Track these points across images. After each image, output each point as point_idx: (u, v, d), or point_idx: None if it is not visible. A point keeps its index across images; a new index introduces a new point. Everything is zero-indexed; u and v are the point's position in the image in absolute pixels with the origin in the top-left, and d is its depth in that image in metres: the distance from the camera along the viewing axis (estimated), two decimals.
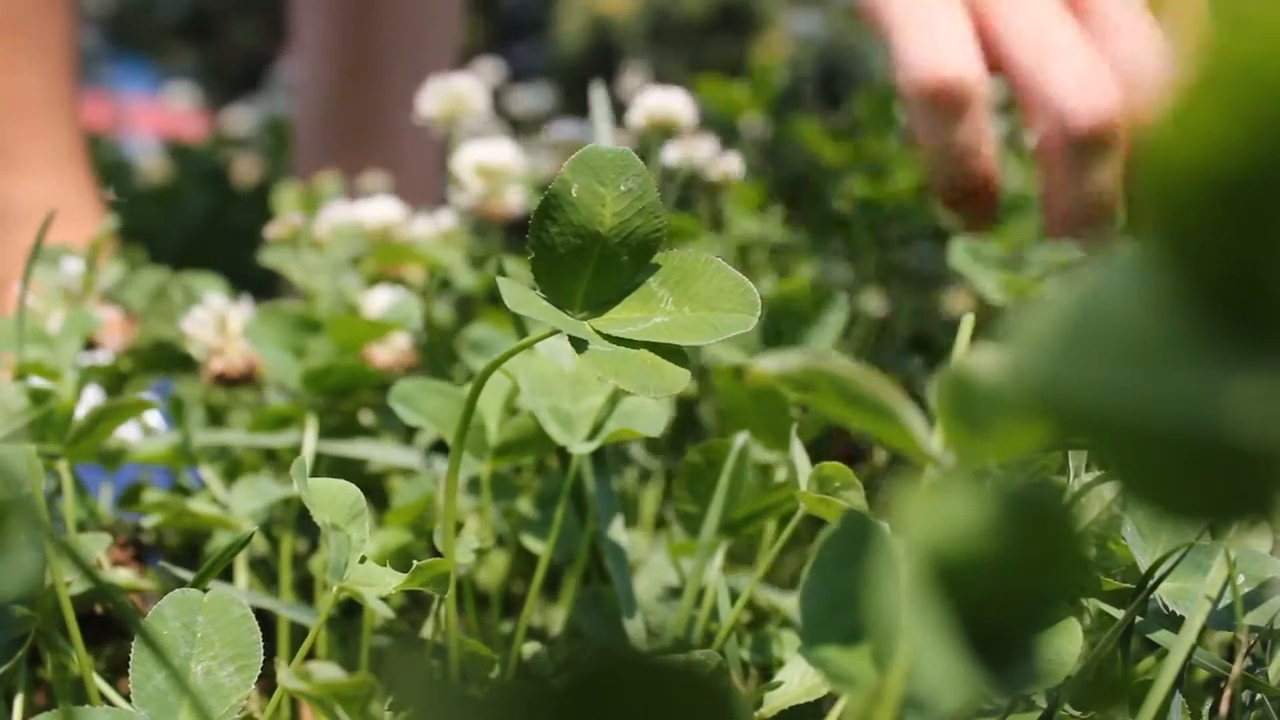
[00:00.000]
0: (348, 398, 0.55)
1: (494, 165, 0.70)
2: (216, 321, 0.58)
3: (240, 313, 0.58)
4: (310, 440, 0.50)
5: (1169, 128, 0.12)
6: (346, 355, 0.54)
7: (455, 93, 0.73)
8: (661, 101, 0.70)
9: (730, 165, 0.71)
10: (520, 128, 1.35)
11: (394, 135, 0.97)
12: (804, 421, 0.46)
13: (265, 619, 0.34)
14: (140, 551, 0.48)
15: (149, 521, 0.47)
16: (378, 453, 0.52)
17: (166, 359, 0.59)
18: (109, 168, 1.31)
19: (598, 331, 0.30)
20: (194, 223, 1.32)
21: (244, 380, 0.57)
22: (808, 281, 0.52)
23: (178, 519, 0.47)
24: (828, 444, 0.60)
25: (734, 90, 0.86)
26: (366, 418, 0.59)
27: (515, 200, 0.71)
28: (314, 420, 0.51)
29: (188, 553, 0.51)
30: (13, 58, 0.75)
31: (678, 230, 0.63)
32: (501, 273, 0.42)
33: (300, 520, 0.50)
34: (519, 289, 0.29)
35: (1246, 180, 0.12)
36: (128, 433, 0.56)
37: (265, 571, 0.52)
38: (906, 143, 0.79)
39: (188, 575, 0.41)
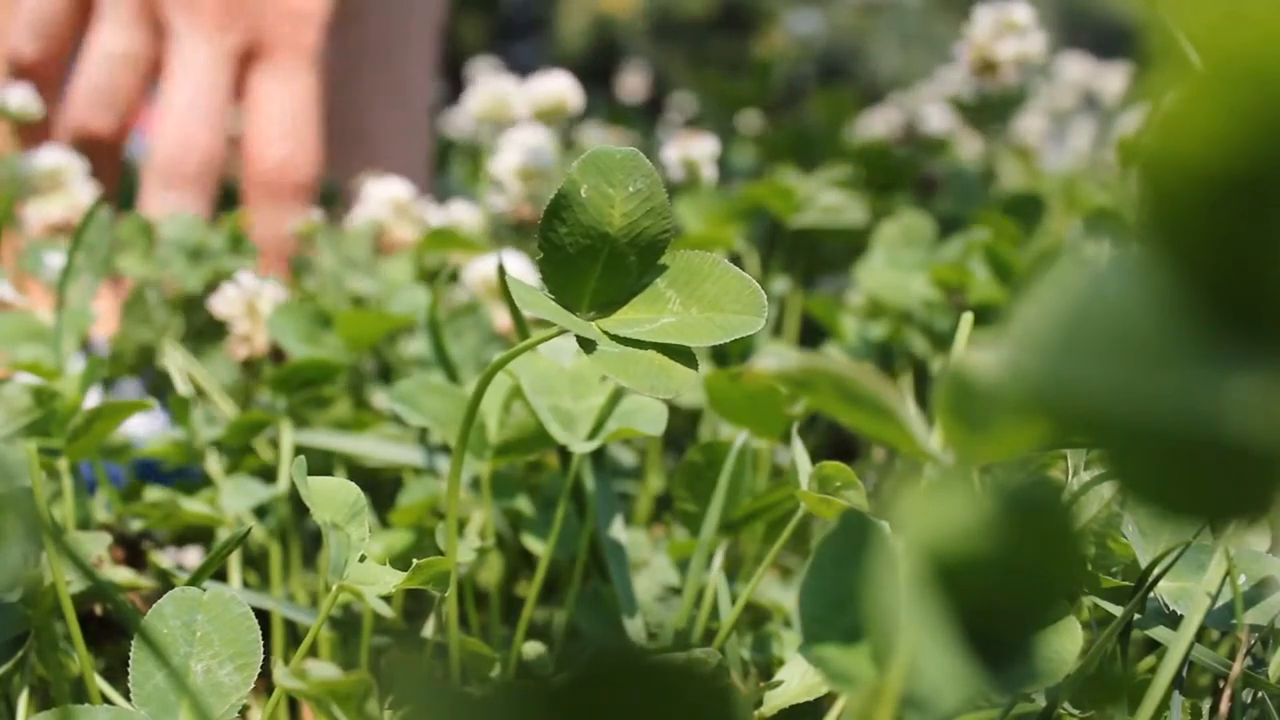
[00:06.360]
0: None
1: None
2: (246, 303, 0.55)
3: (271, 293, 0.56)
4: (287, 439, 0.50)
5: (1168, 126, 0.12)
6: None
7: (497, 94, 0.75)
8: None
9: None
10: None
11: (379, 139, 0.98)
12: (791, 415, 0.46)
13: (266, 619, 0.34)
14: (137, 551, 0.48)
15: (136, 524, 0.47)
16: (377, 449, 0.52)
17: (146, 363, 0.59)
18: None
19: (606, 332, 0.30)
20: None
21: (271, 362, 0.56)
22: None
23: (168, 519, 0.47)
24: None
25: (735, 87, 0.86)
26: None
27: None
28: (288, 424, 0.51)
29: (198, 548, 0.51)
30: None
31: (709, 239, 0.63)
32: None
33: (298, 518, 0.50)
34: (528, 288, 0.29)
35: (1246, 179, 0.12)
36: (137, 427, 0.56)
37: (267, 570, 0.52)
38: None
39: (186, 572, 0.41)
